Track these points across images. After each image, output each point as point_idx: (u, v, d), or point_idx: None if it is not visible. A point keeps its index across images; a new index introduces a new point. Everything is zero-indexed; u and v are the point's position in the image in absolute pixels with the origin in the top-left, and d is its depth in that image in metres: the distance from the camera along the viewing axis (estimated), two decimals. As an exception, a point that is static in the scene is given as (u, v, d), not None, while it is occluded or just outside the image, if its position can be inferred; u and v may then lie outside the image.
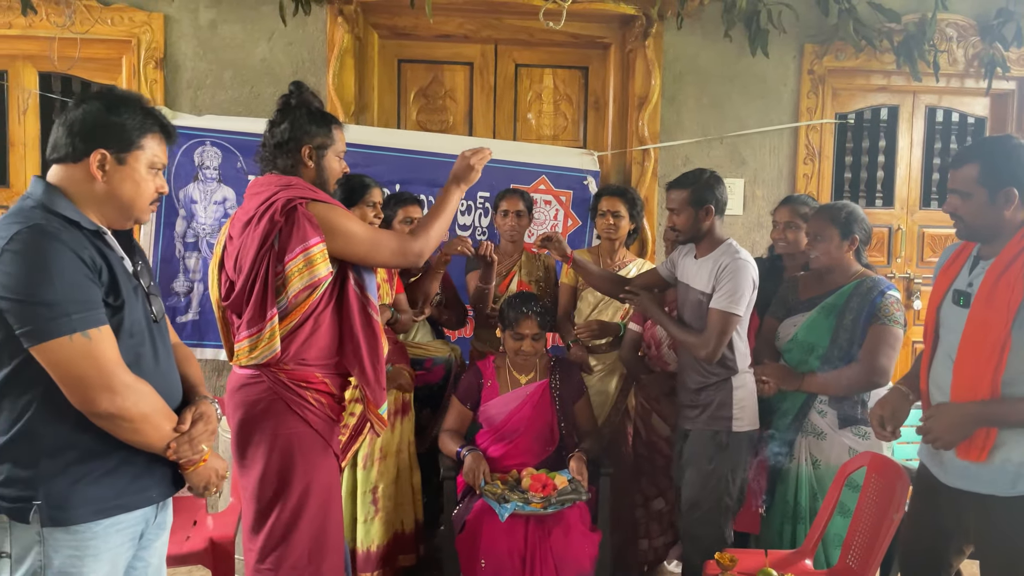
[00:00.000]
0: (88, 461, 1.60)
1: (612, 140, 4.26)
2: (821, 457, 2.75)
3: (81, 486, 1.58)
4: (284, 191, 2.15)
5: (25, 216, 1.56)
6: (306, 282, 2.10)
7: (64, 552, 1.58)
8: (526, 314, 2.88)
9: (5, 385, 1.56)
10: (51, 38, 3.69)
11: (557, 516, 2.68)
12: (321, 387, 2.21)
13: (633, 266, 3.37)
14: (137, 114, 1.68)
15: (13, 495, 1.55)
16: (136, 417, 1.61)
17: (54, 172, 1.66)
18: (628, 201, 3.31)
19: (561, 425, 2.99)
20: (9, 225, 1.54)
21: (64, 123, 1.64)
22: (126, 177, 1.66)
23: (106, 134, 1.64)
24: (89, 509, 1.60)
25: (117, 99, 1.68)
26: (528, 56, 4.27)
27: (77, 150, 1.63)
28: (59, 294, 1.51)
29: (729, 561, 2.50)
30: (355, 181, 2.95)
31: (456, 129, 4.23)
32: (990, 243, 2.06)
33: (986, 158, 2.01)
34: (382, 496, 2.98)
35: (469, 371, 3.06)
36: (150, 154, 1.70)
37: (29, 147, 3.97)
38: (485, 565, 2.61)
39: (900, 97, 4.49)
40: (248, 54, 3.89)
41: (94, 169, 1.63)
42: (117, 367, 1.59)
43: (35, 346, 1.51)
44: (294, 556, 2.19)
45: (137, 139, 1.67)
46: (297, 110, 2.27)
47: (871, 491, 2.50)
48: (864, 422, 2.69)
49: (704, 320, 2.67)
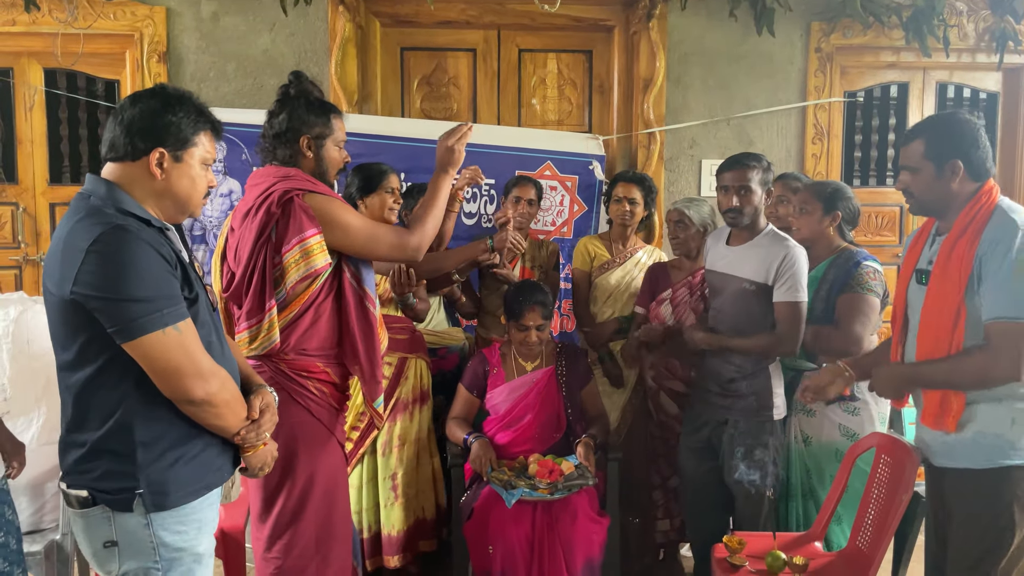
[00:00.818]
0: (179, 447, 1.67)
1: (617, 124, 4.23)
2: (812, 434, 2.78)
3: (176, 471, 1.66)
4: (282, 182, 2.16)
5: (102, 216, 1.58)
6: (303, 273, 2.11)
7: (173, 529, 1.67)
8: (531, 305, 2.87)
9: (94, 381, 1.60)
10: (54, 34, 3.70)
11: (564, 502, 2.68)
12: (323, 376, 2.22)
13: (643, 253, 3.36)
14: (192, 112, 1.71)
15: (115, 487, 1.62)
16: (221, 403, 1.69)
17: (112, 170, 1.68)
18: (645, 188, 3.30)
19: (568, 411, 2.98)
20: (90, 227, 1.56)
21: (121, 122, 1.66)
22: (183, 174, 1.69)
23: (164, 133, 1.66)
24: (187, 491, 1.69)
25: (172, 98, 1.70)
26: (531, 41, 4.25)
27: (136, 149, 1.65)
28: (150, 291, 1.56)
29: (737, 544, 2.50)
30: (372, 169, 2.94)
31: (460, 116, 4.22)
32: (943, 217, 2.12)
33: (931, 133, 2.09)
34: (401, 483, 2.99)
35: (475, 359, 3.05)
36: (203, 151, 1.73)
37: (36, 144, 4.00)
38: (493, 551, 2.61)
39: (910, 74, 4.42)
40: (250, 45, 3.89)
41: (153, 167, 1.66)
42: (204, 356, 1.66)
43: (130, 341, 1.56)
44: (301, 544, 2.21)
45: (192, 136, 1.70)
46: (296, 100, 2.27)
47: (881, 472, 2.47)
48: (852, 398, 2.72)
49: (751, 310, 2.65)
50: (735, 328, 2.71)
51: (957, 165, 2.05)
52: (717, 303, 2.81)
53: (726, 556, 2.48)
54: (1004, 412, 2.00)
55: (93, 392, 1.61)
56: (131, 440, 1.62)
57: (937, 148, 2.07)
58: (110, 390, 1.61)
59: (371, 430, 2.94)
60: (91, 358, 1.60)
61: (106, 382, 1.60)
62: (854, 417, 2.75)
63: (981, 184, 2.07)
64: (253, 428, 1.79)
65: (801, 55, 4.19)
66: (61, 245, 1.57)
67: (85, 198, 1.64)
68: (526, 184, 3.35)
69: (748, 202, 2.63)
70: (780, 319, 2.60)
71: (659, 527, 3.26)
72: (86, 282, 1.52)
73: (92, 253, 1.53)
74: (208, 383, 1.65)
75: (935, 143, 2.07)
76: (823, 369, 2.46)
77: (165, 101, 1.68)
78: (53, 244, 1.61)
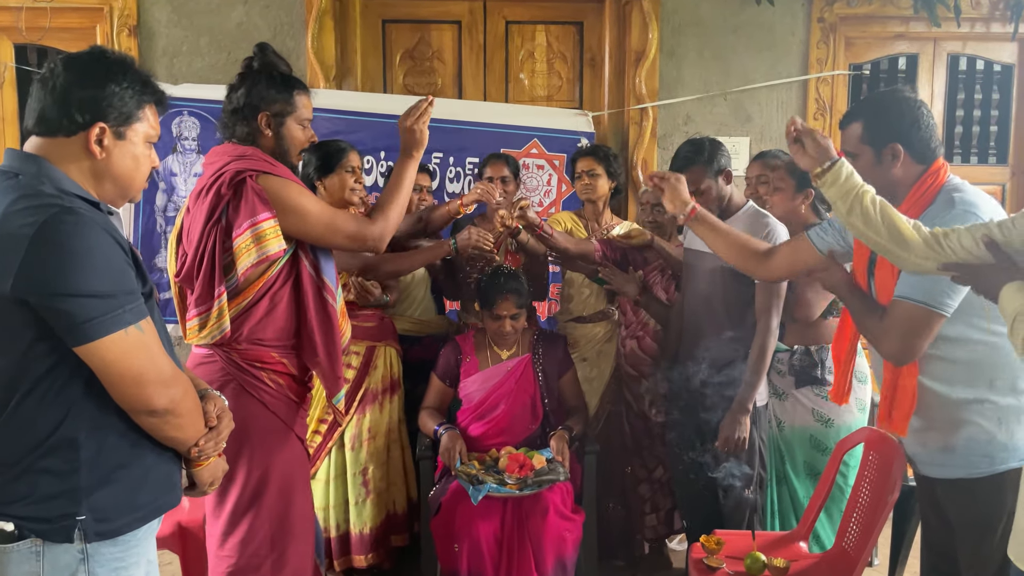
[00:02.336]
0: (128, 466, 1.46)
1: (609, 99, 4.06)
2: (785, 418, 2.75)
3: (125, 493, 1.45)
4: (235, 162, 2.04)
5: (42, 198, 1.35)
6: (254, 259, 1.98)
7: (110, 565, 1.44)
8: (504, 295, 2.73)
9: (35, 391, 1.37)
10: (19, 8, 3.58)
11: (535, 498, 2.56)
12: (279, 368, 2.11)
13: (620, 229, 3.20)
14: (136, 82, 1.49)
15: (54, 514, 1.38)
16: (185, 411, 1.49)
17: (39, 145, 1.44)
18: (602, 159, 3.14)
19: (544, 401, 2.85)
20: (31, 211, 1.32)
21: (52, 90, 1.42)
22: (125, 153, 1.48)
23: (106, 105, 1.44)
24: (134, 516, 1.47)
25: (115, 64, 1.47)
26: (519, 12, 4.07)
27: (73, 123, 1.42)
28: (109, 285, 1.36)
29: (715, 544, 2.37)
30: (330, 146, 2.78)
31: (445, 92, 4.06)
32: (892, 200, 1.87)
33: (868, 114, 1.93)
34: (372, 477, 2.89)
35: (447, 346, 2.92)
36: (148, 127, 1.52)
37: (8, 121, 3.89)
38: (459, 549, 2.49)
39: (920, 45, 4.19)
40: (224, 18, 3.75)
41: (92, 145, 1.44)
42: (167, 359, 1.46)
43: (85, 344, 1.34)
44: (254, 543, 2.12)
45: (136, 111, 1.48)
46: (257, 74, 2.15)
47: (868, 470, 2.33)
48: (823, 382, 2.65)
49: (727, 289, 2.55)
50: (709, 309, 2.61)
51: (897, 149, 1.90)
52: (692, 284, 2.70)
53: (703, 557, 2.35)
54: (990, 412, 1.85)
55: (33, 404, 1.37)
56: (75, 458, 1.39)
57: (875, 131, 1.91)
58: (53, 400, 1.38)
59: (338, 424, 2.83)
60: (33, 365, 1.36)
61: (49, 391, 1.37)
62: (827, 401, 2.65)
63: (927, 166, 1.91)
64: (212, 437, 1.59)
65: (803, 25, 3.98)
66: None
67: (11, 176, 1.39)
68: (497, 162, 3.19)
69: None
70: (761, 306, 2.50)
71: (647, 522, 3.14)
72: (32, 276, 1.30)
73: (38, 242, 1.30)
74: (171, 390, 1.45)
75: (872, 126, 1.91)
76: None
77: (107, 68, 1.45)
78: None
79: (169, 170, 3.65)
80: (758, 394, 2.57)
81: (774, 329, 2.51)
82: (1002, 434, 1.84)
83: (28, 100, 1.46)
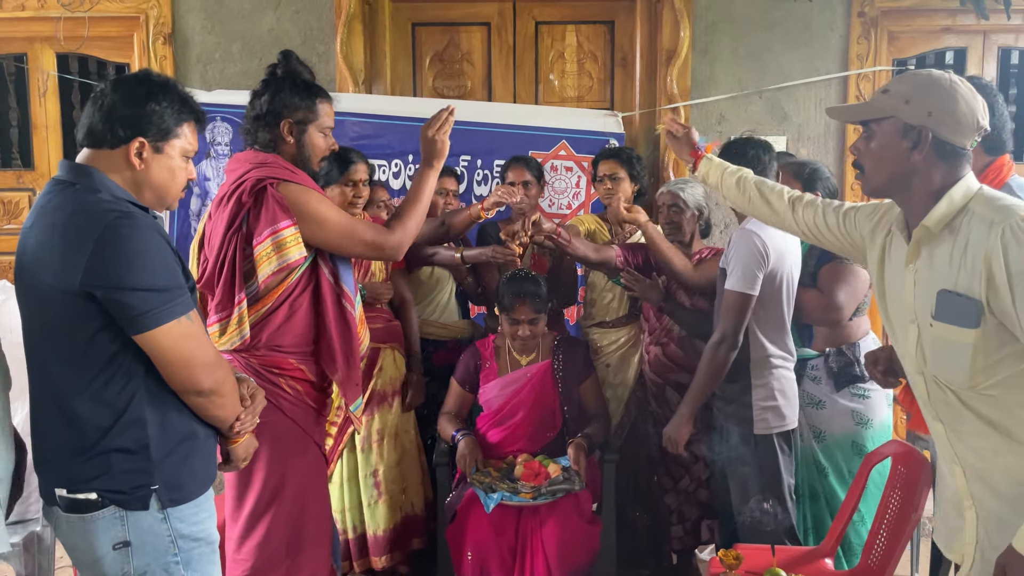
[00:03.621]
0: (186, 439, 1.64)
1: (641, 99, 3.98)
2: (824, 427, 2.65)
3: (188, 464, 1.64)
4: (256, 169, 2.07)
5: (101, 204, 1.54)
6: (275, 267, 2.01)
7: (189, 520, 1.64)
8: (521, 299, 2.70)
9: (101, 377, 1.55)
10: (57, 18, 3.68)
11: (551, 506, 2.52)
12: (297, 374, 2.13)
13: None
14: (175, 101, 1.65)
15: (130, 486, 1.57)
16: (226, 392, 1.67)
17: (89, 156, 1.61)
18: (625, 162, 3.06)
19: (564, 409, 2.81)
20: (93, 215, 1.51)
21: (101, 108, 1.60)
22: (163, 166, 1.64)
23: (146, 122, 1.60)
24: (199, 483, 1.67)
25: (156, 85, 1.64)
26: (549, 12, 4.02)
27: (116, 137, 1.59)
28: (163, 280, 1.54)
29: (734, 559, 2.29)
30: (340, 157, 2.74)
31: (474, 94, 4.04)
32: None
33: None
34: (384, 479, 2.89)
35: (467, 351, 2.91)
36: (185, 142, 1.67)
37: (51, 129, 4.00)
38: (471, 557, 2.47)
39: (968, 38, 4.01)
40: (255, 25, 3.79)
41: (132, 157, 1.60)
42: (211, 345, 1.66)
43: (145, 332, 1.52)
44: (270, 547, 2.15)
45: (175, 127, 1.64)
46: (281, 81, 2.18)
47: (896, 484, 2.23)
48: (862, 378, 2.55)
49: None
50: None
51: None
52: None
53: (721, 572, 2.28)
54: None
55: (101, 388, 1.55)
56: (143, 435, 1.57)
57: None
58: (118, 385, 1.56)
59: (348, 425, 2.83)
60: (98, 352, 1.54)
61: (114, 377, 1.55)
62: (865, 400, 2.61)
63: (994, 158, 1.92)
64: (248, 414, 1.76)
65: (842, 20, 3.84)
66: (59, 235, 1.50)
67: (68, 185, 1.57)
68: (518, 165, 3.15)
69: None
70: (724, 312, 2.43)
71: (673, 533, 3.07)
72: (98, 273, 1.48)
73: (102, 243, 1.48)
74: (216, 372, 1.62)
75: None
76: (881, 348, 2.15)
77: (149, 88, 1.62)
78: (41, 235, 1.54)
79: (203, 175, 3.72)
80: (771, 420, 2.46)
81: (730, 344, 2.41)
82: None
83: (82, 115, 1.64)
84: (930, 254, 1.52)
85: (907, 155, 1.52)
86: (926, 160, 1.51)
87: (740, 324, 2.39)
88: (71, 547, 1.62)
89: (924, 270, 1.54)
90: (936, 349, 1.52)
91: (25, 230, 1.58)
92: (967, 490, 1.55)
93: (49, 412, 1.58)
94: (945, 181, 1.51)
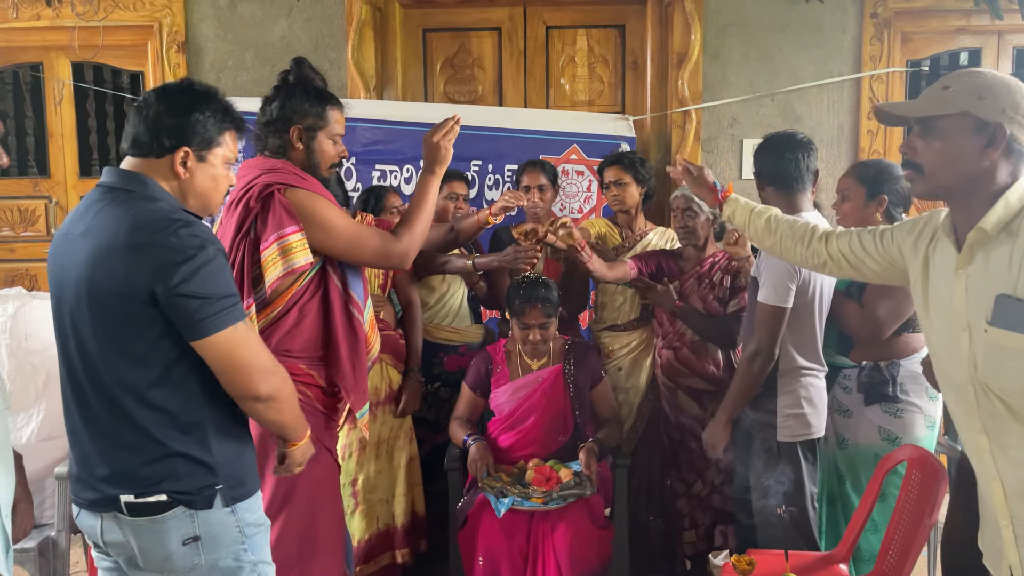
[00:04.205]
0: (242, 440, 1.70)
1: (652, 102, 3.98)
2: (848, 435, 2.58)
3: (245, 462, 1.70)
4: (265, 175, 2.07)
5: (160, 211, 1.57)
6: (281, 271, 2.00)
7: (252, 511, 1.70)
8: (532, 303, 2.69)
9: (164, 382, 1.58)
10: (72, 27, 3.72)
11: (562, 511, 2.51)
12: (307, 379, 2.12)
13: (654, 235, 3.13)
14: (218, 111, 1.67)
15: (196, 487, 1.61)
16: (284, 397, 1.69)
17: (135, 164, 1.64)
18: (629, 167, 3.06)
19: (575, 413, 2.79)
20: (155, 221, 1.54)
21: (146, 118, 1.62)
22: (206, 174, 1.66)
23: (190, 132, 1.62)
24: (253, 478, 1.72)
25: (200, 95, 1.67)
26: (559, 17, 4.03)
27: (161, 146, 1.61)
28: (226, 287, 1.58)
29: (747, 564, 2.27)
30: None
31: (485, 99, 4.05)
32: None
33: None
34: (362, 488, 2.84)
35: (478, 356, 2.90)
36: (227, 150, 1.70)
37: (66, 137, 4.05)
38: (482, 562, 2.46)
39: (983, 39, 3.98)
40: (267, 32, 3.82)
41: (177, 166, 1.63)
42: (267, 351, 1.67)
43: (204, 339, 1.55)
44: (281, 553, 2.11)
45: (217, 136, 1.66)
46: (292, 88, 2.19)
47: (911, 489, 2.20)
48: (895, 399, 2.48)
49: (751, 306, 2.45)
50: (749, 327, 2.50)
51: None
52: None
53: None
54: None
55: (163, 395, 1.58)
56: (205, 438, 1.61)
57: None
58: (179, 390, 1.59)
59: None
60: (159, 358, 1.57)
61: (174, 381, 1.58)
62: (896, 419, 2.50)
63: None
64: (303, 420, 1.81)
65: (855, 21, 3.83)
66: (124, 241, 1.52)
67: (124, 192, 1.59)
68: (533, 170, 3.15)
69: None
70: (757, 324, 2.38)
71: (685, 538, 3.05)
72: (163, 278, 1.50)
73: (169, 249, 1.51)
74: (273, 378, 1.64)
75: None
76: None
77: (193, 98, 1.64)
78: (101, 240, 1.54)
79: (216, 182, 3.74)
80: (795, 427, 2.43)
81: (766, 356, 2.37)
82: None
83: (125, 124, 1.67)
84: (986, 258, 1.47)
85: (980, 153, 1.47)
86: (996, 159, 1.47)
87: (775, 336, 2.35)
88: (140, 548, 1.62)
89: (978, 275, 1.48)
90: (990, 356, 1.46)
91: (72, 236, 1.58)
92: (1005, 508, 1.50)
93: (105, 419, 1.58)
94: (1005, 182, 1.47)
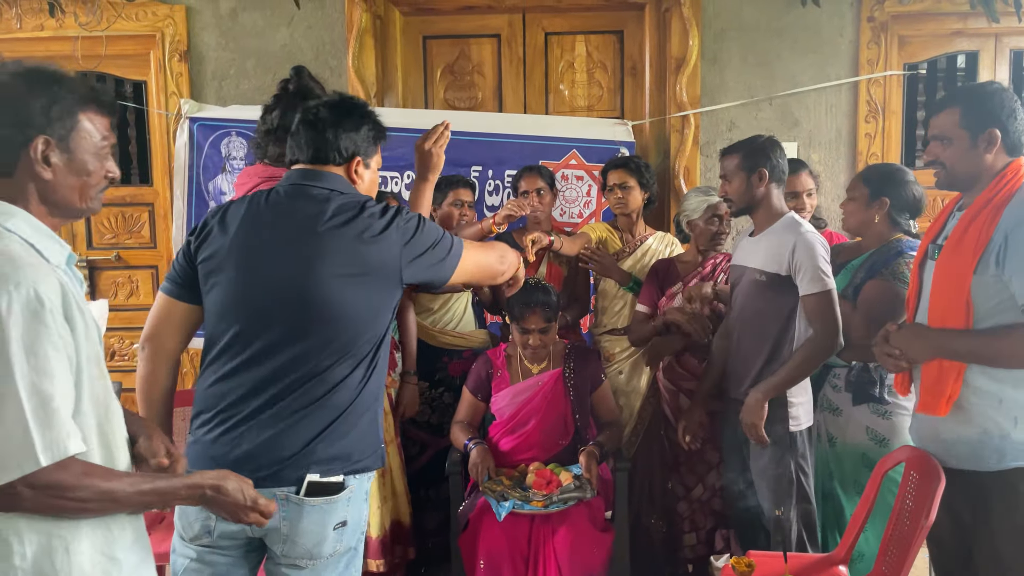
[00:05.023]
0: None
1: (651, 108, 4.00)
2: (837, 434, 2.65)
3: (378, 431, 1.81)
4: (264, 183, 2.09)
5: (379, 204, 1.78)
6: None
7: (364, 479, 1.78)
8: (532, 308, 2.71)
9: (347, 362, 1.70)
10: (75, 37, 3.75)
11: (563, 515, 2.53)
12: None
13: (653, 240, 3.15)
14: (376, 125, 1.86)
15: (361, 466, 1.73)
16: (510, 262, 2.05)
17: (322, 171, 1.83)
18: (634, 171, 3.08)
19: (575, 417, 2.81)
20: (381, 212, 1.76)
21: (323, 131, 1.80)
22: (371, 179, 1.87)
23: (362, 142, 1.82)
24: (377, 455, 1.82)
25: (367, 111, 1.86)
26: (558, 23, 4.05)
27: (341, 156, 1.82)
28: (443, 232, 1.85)
29: (746, 566, 2.28)
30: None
31: (485, 105, 4.07)
32: (970, 190, 2.03)
33: (966, 101, 2.00)
34: None
35: (479, 360, 2.92)
36: (379, 158, 1.90)
37: (71, 146, 4.07)
38: (484, 566, 2.48)
39: (979, 42, 3.99)
40: (269, 41, 3.85)
41: (353, 173, 1.83)
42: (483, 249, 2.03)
43: (455, 270, 1.86)
44: None
45: (375, 146, 1.86)
46: (292, 96, 2.21)
47: (908, 491, 2.21)
48: (881, 400, 2.53)
49: (761, 302, 2.47)
50: (747, 324, 2.53)
51: (995, 135, 1.96)
52: (735, 299, 2.62)
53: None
54: (1007, 412, 1.90)
55: (349, 374, 1.70)
56: (376, 417, 1.78)
57: (973, 116, 1.98)
58: (360, 370, 1.73)
59: None
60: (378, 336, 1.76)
61: (354, 361, 1.71)
62: (884, 420, 2.55)
63: (1011, 161, 1.95)
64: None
65: (852, 25, 3.85)
66: (354, 231, 1.68)
67: (329, 191, 1.75)
68: (531, 174, 3.17)
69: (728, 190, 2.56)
70: (810, 316, 2.39)
71: (686, 541, 3.06)
72: (415, 245, 1.74)
73: (406, 231, 1.74)
74: (501, 264, 2.00)
75: (971, 111, 1.98)
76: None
77: (362, 114, 1.83)
78: (333, 233, 1.68)
79: (219, 189, 3.77)
80: (802, 417, 2.47)
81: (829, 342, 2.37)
82: (1016, 433, 1.88)
83: (297, 138, 1.82)
84: None
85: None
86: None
87: (836, 321, 2.36)
88: (299, 533, 1.65)
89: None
90: None
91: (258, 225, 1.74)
92: None
93: (295, 402, 1.65)
94: None
